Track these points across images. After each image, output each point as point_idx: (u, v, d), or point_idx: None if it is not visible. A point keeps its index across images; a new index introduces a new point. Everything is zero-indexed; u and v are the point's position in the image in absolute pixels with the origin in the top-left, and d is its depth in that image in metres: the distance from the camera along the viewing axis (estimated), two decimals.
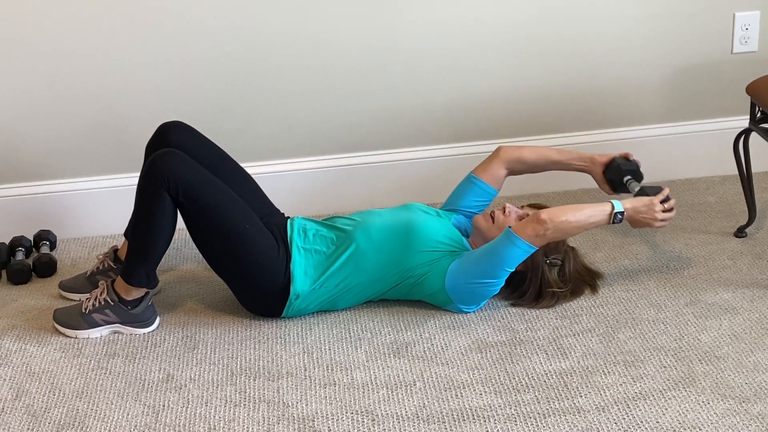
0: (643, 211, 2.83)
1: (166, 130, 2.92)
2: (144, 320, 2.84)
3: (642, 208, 2.83)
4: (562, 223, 2.73)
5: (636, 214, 2.83)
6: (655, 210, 2.84)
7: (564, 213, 2.74)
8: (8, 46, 3.18)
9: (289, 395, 2.55)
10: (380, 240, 2.82)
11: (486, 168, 3.06)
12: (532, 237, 2.73)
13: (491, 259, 2.76)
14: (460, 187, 3.09)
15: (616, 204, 2.80)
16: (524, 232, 2.73)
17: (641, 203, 2.84)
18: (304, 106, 3.40)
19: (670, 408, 2.44)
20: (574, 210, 2.76)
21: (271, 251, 2.79)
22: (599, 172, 3.04)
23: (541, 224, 2.72)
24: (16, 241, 3.27)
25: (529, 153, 3.05)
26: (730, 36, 3.52)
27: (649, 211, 2.84)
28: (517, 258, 2.75)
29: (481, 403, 2.49)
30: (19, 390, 2.62)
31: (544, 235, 2.73)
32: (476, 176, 3.06)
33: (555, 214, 2.73)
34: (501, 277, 2.79)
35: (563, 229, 2.74)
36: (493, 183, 3.05)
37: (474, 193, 3.05)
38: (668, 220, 2.87)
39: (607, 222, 2.79)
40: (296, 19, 3.28)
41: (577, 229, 2.76)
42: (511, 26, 3.41)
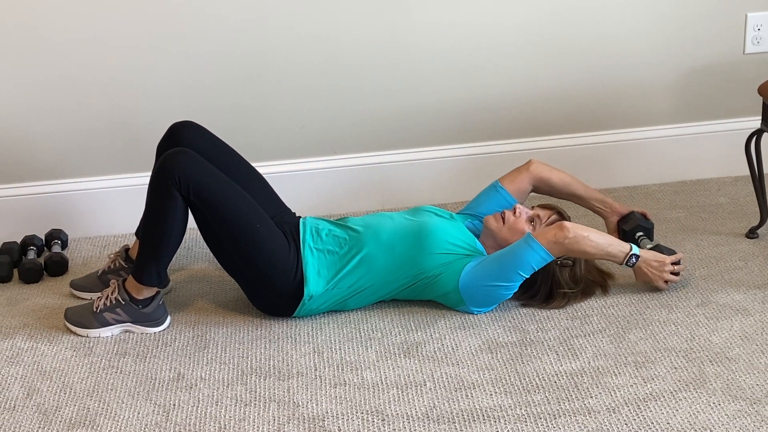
0: (654, 266, 2.89)
1: (177, 130, 2.93)
2: (155, 319, 2.85)
3: (654, 263, 2.88)
4: (583, 239, 2.75)
5: (647, 266, 2.88)
6: (664, 269, 2.89)
7: (587, 230, 2.78)
8: (20, 45, 3.19)
9: (299, 395, 2.55)
10: (393, 243, 2.82)
11: (514, 179, 3.06)
12: (551, 242, 2.73)
13: (507, 262, 2.76)
14: (483, 194, 3.09)
15: (634, 247, 2.84)
16: (544, 237, 2.75)
17: (654, 258, 2.89)
18: (316, 106, 3.40)
19: (681, 409, 2.44)
20: (597, 232, 2.80)
21: (282, 251, 2.79)
22: (614, 221, 3.08)
23: (563, 231, 2.73)
24: (28, 240, 3.28)
25: (557, 179, 3.07)
26: (742, 36, 3.52)
27: (659, 268, 2.89)
28: (532, 262, 2.76)
29: (492, 404, 2.49)
30: (30, 388, 2.62)
31: (562, 243, 2.74)
32: (502, 185, 3.06)
33: (579, 228, 2.76)
34: (515, 281, 2.79)
35: (581, 244, 2.76)
36: (517, 195, 3.05)
37: (496, 202, 3.04)
38: (672, 283, 2.92)
39: (621, 260, 2.83)
40: (308, 18, 3.29)
41: (594, 250, 2.78)
42: (522, 27, 3.40)
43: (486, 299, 2.82)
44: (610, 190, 3.59)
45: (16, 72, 3.23)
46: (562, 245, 2.75)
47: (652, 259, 2.88)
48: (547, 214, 2.90)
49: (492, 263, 2.79)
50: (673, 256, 2.92)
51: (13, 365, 2.72)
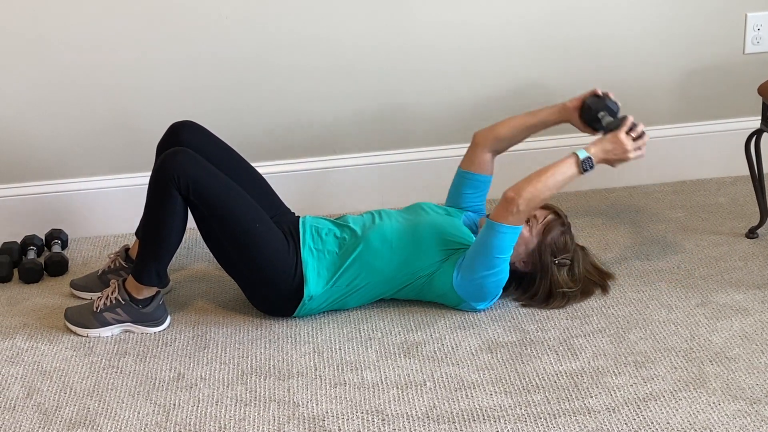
0: (611, 149, 2.77)
1: (177, 130, 2.93)
2: (155, 319, 2.85)
3: (609, 146, 2.77)
4: (530, 193, 2.69)
5: (605, 154, 2.77)
6: (623, 144, 2.76)
7: (529, 182, 2.71)
8: (20, 45, 3.19)
9: (299, 395, 2.55)
10: (390, 240, 2.82)
11: (470, 158, 3.05)
12: (510, 218, 2.70)
13: (485, 253, 2.75)
14: (454, 185, 3.09)
15: (579, 153, 2.75)
16: (503, 217, 2.71)
17: (607, 142, 2.77)
18: (315, 106, 3.40)
19: (681, 409, 2.44)
20: (538, 177, 2.72)
21: (281, 250, 2.79)
22: (576, 118, 2.96)
23: (512, 203, 2.69)
24: (28, 240, 3.28)
25: (502, 128, 3.01)
26: (742, 36, 3.52)
27: (617, 148, 2.77)
28: (507, 243, 2.73)
29: (491, 404, 2.49)
30: (30, 388, 2.62)
31: (519, 212, 2.70)
32: (465, 169, 3.05)
33: (521, 188, 2.70)
34: (500, 266, 2.77)
35: (534, 198, 2.70)
36: (482, 170, 3.03)
37: (469, 186, 3.04)
38: (642, 148, 2.79)
39: (579, 172, 2.74)
40: (308, 19, 3.29)
41: (549, 191, 2.72)
42: (523, 27, 3.40)
43: (482, 291, 2.81)
44: (610, 190, 3.59)
45: (16, 72, 3.23)
46: (521, 213, 2.71)
47: (606, 145, 2.76)
48: (544, 213, 2.89)
49: (473, 257, 2.77)
50: (622, 126, 2.77)
51: (13, 365, 2.72)
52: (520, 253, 2.87)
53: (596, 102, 2.90)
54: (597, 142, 2.78)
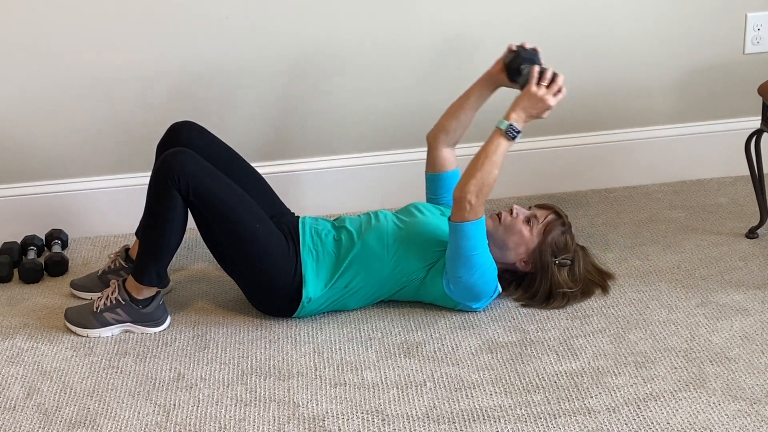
0: (529, 105, 2.72)
1: (176, 130, 2.93)
2: (155, 319, 2.85)
3: (525, 103, 2.72)
4: (475, 185, 2.68)
5: (526, 112, 2.73)
6: (538, 96, 2.71)
7: (469, 176, 2.69)
8: (19, 45, 3.19)
9: (299, 395, 2.55)
10: (386, 241, 2.82)
11: (430, 161, 3.05)
12: (467, 215, 2.69)
13: (459, 255, 2.74)
14: (427, 191, 3.10)
15: (500, 124, 2.72)
16: (460, 217, 2.70)
17: (523, 101, 2.72)
18: (316, 106, 3.40)
19: (681, 409, 2.44)
20: (473, 166, 2.70)
21: (281, 252, 2.79)
22: (505, 79, 2.90)
23: (462, 201, 2.69)
24: (28, 240, 3.28)
25: (445, 120, 3.01)
26: (742, 36, 3.52)
27: (534, 102, 2.72)
28: (477, 238, 2.72)
29: (492, 404, 2.49)
30: (30, 388, 2.62)
31: (472, 206, 2.69)
32: (430, 173, 3.06)
33: (464, 184, 2.69)
34: (480, 262, 2.75)
35: (482, 187, 2.68)
36: (446, 167, 3.03)
37: (440, 186, 3.04)
38: (561, 91, 2.73)
39: (509, 142, 2.71)
40: (306, 19, 3.29)
41: (491, 174, 2.69)
42: (523, 27, 3.40)
43: (474, 292, 2.79)
44: (610, 190, 3.59)
45: (16, 72, 3.23)
46: (475, 206, 2.69)
47: (524, 103, 2.71)
48: (545, 213, 2.89)
49: (452, 263, 2.76)
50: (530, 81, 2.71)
51: (13, 365, 2.72)
52: (521, 253, 2.87)
53: (513, 58, 2.83)
54: (514, 105, 2.74)
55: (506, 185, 3.48)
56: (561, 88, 2.76)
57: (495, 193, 3.22)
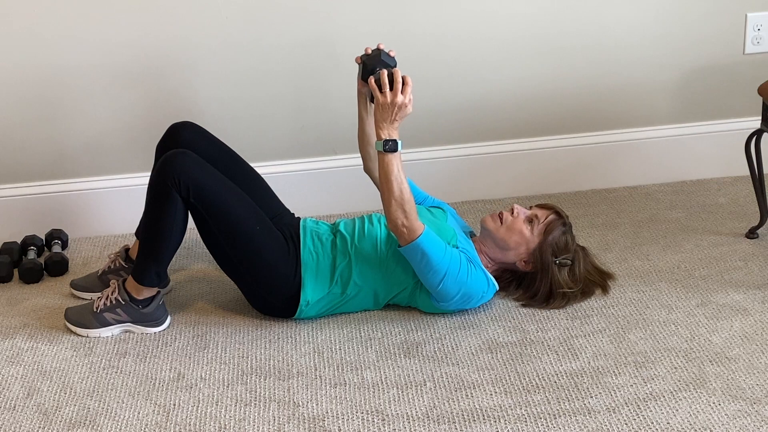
0: (386, 116, 2.66)
1: (176, 130, 2.93)
2: (155, 319, 2.85)
3: (384, 115, 2.66)
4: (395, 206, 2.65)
5: (390, 122, 2.66)
6: (387, 104, 2.65)
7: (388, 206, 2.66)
8: (20, 45, 3.19)
9: (299, 395, 2.55)
10: (379, 246, 2.80)
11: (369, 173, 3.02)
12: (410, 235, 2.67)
13: (426, 269, 2.71)
14: None
15: (377, 146, 2.68)
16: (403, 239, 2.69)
17: (380, 113, 2.66)
18: (316, 106, 3.40)
19: (681, 409, 2.44)
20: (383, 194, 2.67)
21: (281, 253, 2.79)
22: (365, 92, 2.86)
23: (397, 229, 2.67)
24: (28, 240, 3.28)
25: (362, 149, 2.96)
26: (742, 36, 3.52)
27: (390, 110, 2.65)
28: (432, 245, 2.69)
29: (492, 404, 2.49)
30: (30, 388, 2.62)
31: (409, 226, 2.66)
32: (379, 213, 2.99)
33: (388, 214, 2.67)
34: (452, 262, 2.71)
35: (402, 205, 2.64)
36: None
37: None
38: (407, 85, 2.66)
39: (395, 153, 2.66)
40: (308, 18, 3.29)
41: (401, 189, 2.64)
42: (523, 27, 3.40)
43: (464, 298, 2.78)
44: (610, 190, 3.59)
45: (16, 72, 3.23)
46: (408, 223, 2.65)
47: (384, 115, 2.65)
48: (545, 213, 2.89)
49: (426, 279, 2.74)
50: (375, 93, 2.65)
51: (13, 365, 2.72)
52: (521, 252, 2.87)
53: (363, 70, 2.74)
54: (376, 122, 2.68)
55: (506, 185, 3.48)
56: (403, 80, 2.65)
57: (496, 193, 3.24)
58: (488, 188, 3.53)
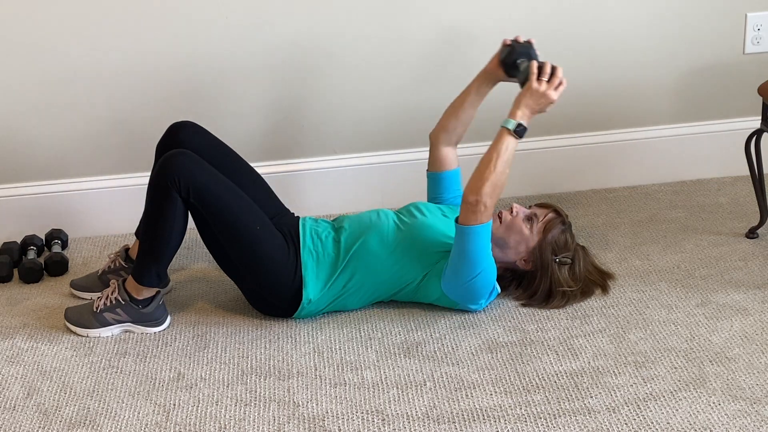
0: (532, 102, 2.72)
1: (176, 130, 2.93)
2: (155, 319, 2.85)
3: (529, 101, 2.73)
4: (489, 187, 2.67)
5: (530, 109, 2.73)
6: (539, 91, 2.72)
7: (481, 178, 2.67)
8: (20, 45, 3.20)
9: (299, 395, 2.55)
10: (386, 241, 2.81)
11: (432, 159, 3.06)
12: (480, 217, 2.69)
13: (464, 258, 2.73)
14: (429, 189, 3.10)
15: (507, 124, 2.71)
16: (470, 220, 2.69)
17: (526, 98, 2.72)
18: (316, 106, 3.40)
19: (681, 409, 2.44)
20: (485, 167, 2.69)
21: (281, 253, 2.79)
22: (503, 75, 2.92)
23: (476, 205, 2.67)
24: (28, 240, 3.28)
25: (446, 118, 3.01)
26: (742, 36, 3.52)
27: (537, 98, 2.72)
28: (484, 241, 2.72)
29: (492, 404, 2.49)
30: (30, 388, 2.62)
31: (486, 208, 2.68)
32: (432, 171, 3.06)
33: (476, 187, 2.67)
34: (485, 264, 2.75)
35: (494, 188, 2.68)
36: (447, 166, 3.03)
37: (441, 185, 3.04)
38: (562, 83, 2.74)
39: (517, 140, 2.71)
40: (308, 18, 3.29)
41: (503, 175, 2.69)
42: (523, 27, 3.39)
43: (473, 293, 2.79)
44: (610, 190, 3.59)
45: (16, 72, 3.23)
46: (488, 209, 2.68)
47: (527, 101, 2.72)
48: (544, 212, 2.90)
49: (454, 265, 2.75)
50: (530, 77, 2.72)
51: (13, 365, 2.72)
52: (521, 251, 2.87)
53: (509, 53, 2.83)
54: (517, 102, 2.73)
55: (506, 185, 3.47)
56: (561, 80, 2.76)
57: None
58: None
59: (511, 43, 2.86)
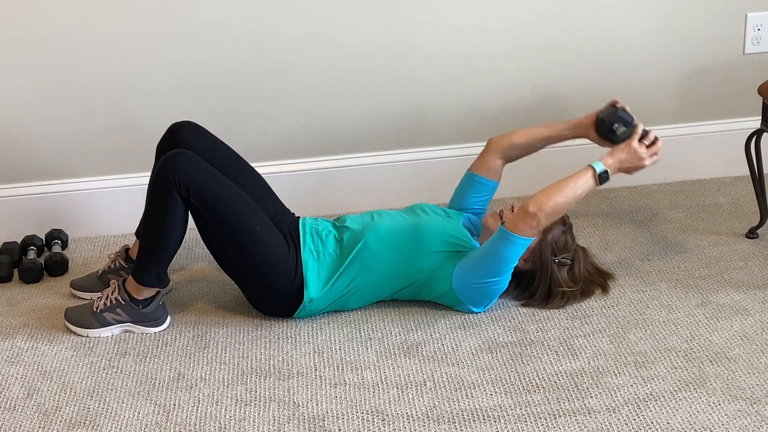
0: (626, 159, 2.79)
1: (176, 130, 2.93)
2: (155, 319, 2.85)
3: (623, 156, 2.79)
4: (551, 208, 2.70)
5: (621, 164, 2.79)
6: (637, 153, 2.79)
7: (550, 197, 2.71)
8: (20, 45, 3.20)
9: (299, 395, 2.55)
10: (388, 240, 2.82)
11: (482, 162, 3.05)
12: (527, 231, 2.72)
13: (492, 259, 2.76)
14: (461, 186, 3.09)
15: (596, 166, 2.76)
16: (519, 228, 2.72)
17: (621, 152, 2.79)
18: (316, 106, 3.40)
19: (681, 409, 2.44)
20: (558, 190, 2.73)
21: (281, 253, 2.79)
22: (593, 133, 2.97)
23: (532, 217, 2.70)
24: (28, 240, 3.28)
25: (519, 137, 3.03)
26: (742, 37, 3.52)
27: (632, 157, 2.79)
28: (517, 253, 2.75)
29: (492, 404, 2.49)
30: (30, 388, 2.62)
31: (537, 226, 2.72)
32: (474, 173, 3.05)
33: (542, 202, 2.70)
34: (506, 274, 2.78)
35: (555, 213, 2.72)
36: (492, 175, 3.04)
37: (475, 190, 3.04)
38: (658, 154, 2.82)
39: (596, 185, 2.76)
40: (307, 18, 3.29)
41: (568, 206, 2.74)
42: (524, 27, 3.40)
43: (482, 296, 2.81)
44: (610, 190, 3.59)
45: (16, 72, 3.23)
46: (539, 227, 2.72)
47: (621, 155, 2.79)
48: None
49: (478, 261, 2.78)
50: (634, 135, 2.80)
51: (13, 365, 2.72)
52: None
53: (610, 115, 2.91)
54: (612, 153, 2.80)
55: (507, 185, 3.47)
56: (658, 152, 2.81)
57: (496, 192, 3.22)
58: None
59: (615, 105, 2.92)
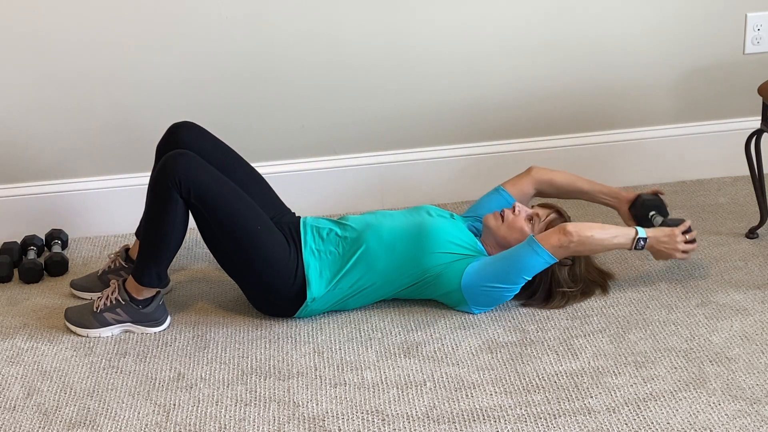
0: (665, 241, 2.86)
1: (176, 130, 2.93)
2: (155, 319, 2.85)
3: (663, 238, 2.86)
4: (588, 239, 2.75)
5: (658, 243, 2.85)
6: (676, 241, 2.86)
7: (590, 228, 2.76)
8: (20, 45, 3.20)
9: (299, 395, 2.55)
10: (393, 242, 2.82)
11: (516, 184, 3.08)
12: (556, 247, 2.74)
13: (511, 265, 2.77)
14: (486, 197, 3.10)
15: (639, 230, 2.83)
16: (548, 242, 2.74)
17: (663, 233, 2.86)
18: (316, 106, 3.40)
19: (681, 409, 2.44)
20: (600, 228, 2.79)
21: (282, 253, 2.79)
22: (625, 209, 3.08)
23: (567, 236, 2.73)
24: (28, 240, 3.28)
25: (560, 178, 3.08)
26: (742, 37, 3.52)
27: (670, 242, 2.86)
28: (537, 267, 2.77)
29: (492, 404, 2.49)
30: (30, 388, 2.62)
31: (567, 247, 2.74)
32: (506, 190, 3.07)
33: (582, 228, 2.75)
34: (518, 284, 2.80)
35: (587, 244, 2.76)
36: (520, 198, 3.06)
37: (498, 204, 3.04)
38: (690, 252, 2.90)
39: (630, 246, 2.82)
40: (308, 18, 3.29)
41: (600, 247, 2.79)
42: (524, 27, 3.40)
43: (487, 300, 2.82)
44: None
45: (16, 72, 3.23)
46: (568, 249, 2.75)
47: (662, 235, 2.86)
48: (546, 212, 2.90)
49: (495, 265, 2.79)
50: (681, 225, 2.90)
51: (13, 365, 2.72)
52: None
53: (651, 200, 3.03)
54: (654, 230, 2.87)
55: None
56: (691, 251, 2.90)
57: None
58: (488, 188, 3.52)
59: (659, 194, 3.07)
